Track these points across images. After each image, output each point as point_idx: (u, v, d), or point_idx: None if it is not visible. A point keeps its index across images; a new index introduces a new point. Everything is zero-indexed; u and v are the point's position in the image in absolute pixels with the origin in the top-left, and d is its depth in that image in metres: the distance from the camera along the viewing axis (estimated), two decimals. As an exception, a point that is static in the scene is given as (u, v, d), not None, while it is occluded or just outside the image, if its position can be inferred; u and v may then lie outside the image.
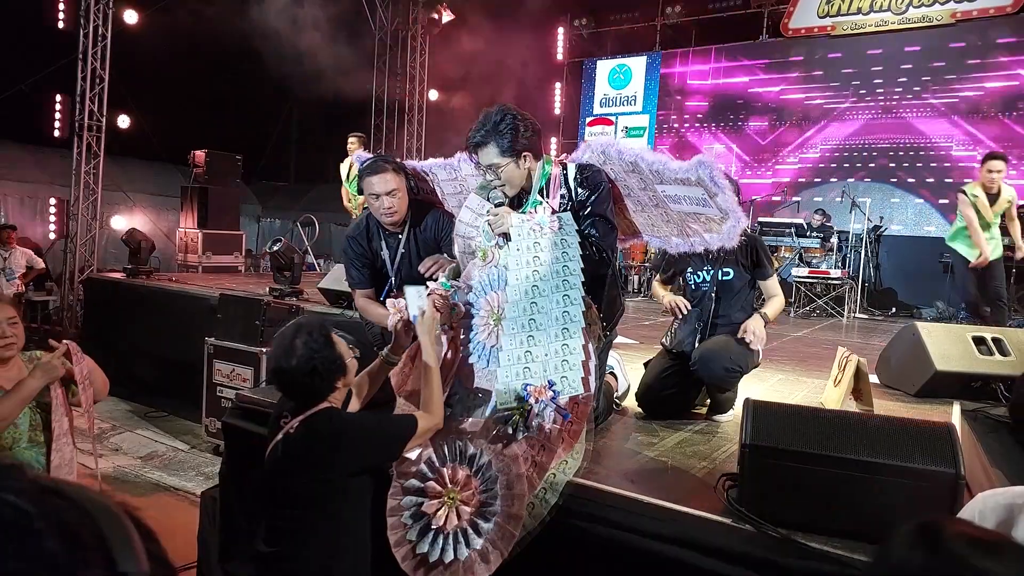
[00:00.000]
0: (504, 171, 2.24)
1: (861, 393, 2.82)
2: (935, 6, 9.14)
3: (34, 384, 2.18)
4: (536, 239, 2.13)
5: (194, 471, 4.70)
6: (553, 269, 2.09)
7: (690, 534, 1.78)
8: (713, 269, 2.90)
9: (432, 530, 1.89)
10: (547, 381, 1.97)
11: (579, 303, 2.06)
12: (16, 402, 2.16)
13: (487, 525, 1.86)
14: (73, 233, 8.68)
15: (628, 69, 11.50)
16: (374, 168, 2.70)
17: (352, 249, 2.88)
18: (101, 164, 8.78)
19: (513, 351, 2.03)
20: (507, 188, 2.29)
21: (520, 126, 2.21)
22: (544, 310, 2.06)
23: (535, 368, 2.01)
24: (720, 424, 2.82)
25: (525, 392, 1.97)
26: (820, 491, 1.69)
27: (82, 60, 8.49)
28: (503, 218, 2.21)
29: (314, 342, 1.79)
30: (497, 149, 2.21)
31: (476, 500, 1.90)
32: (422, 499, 1.94)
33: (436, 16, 11.38)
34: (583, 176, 2.30)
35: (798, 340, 5.65)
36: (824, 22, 9.88)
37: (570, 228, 2.16)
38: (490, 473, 1.91)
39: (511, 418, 1.97)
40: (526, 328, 2.04)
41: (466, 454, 1.96)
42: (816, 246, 7.93)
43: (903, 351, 3.49)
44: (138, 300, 6.85)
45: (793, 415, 1.80)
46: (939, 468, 1.62)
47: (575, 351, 2.01)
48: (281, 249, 6.06)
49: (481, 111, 2.27)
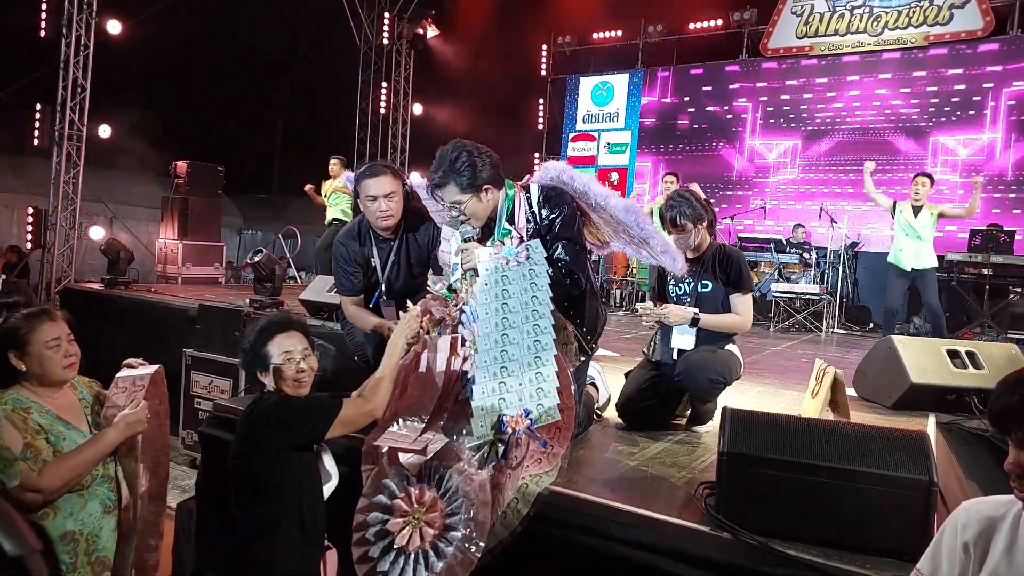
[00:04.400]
0: (467, 207, 2.27)
1: (838, 404, 2.84)
2: (909, 29, 9.40)
3: (115, 437, 2.01)
4: (504, 272, 2.15)
5: (170, 484, 4.59)
6: (522, 301, 2.12)
7: (668, 542, 1.78)
8: (694, 282, 2.93)
9: (395, 550, 1.90)
10: (523, 410, 1.99)
11: (549, 332, 2.09)
12: (93, 457, 1.96)
13: (449, 549, 1.86)
14: (50, 243, 8.56)
15: (611, 86, 11.65)
16: (372, 171, 2.69)
17: (343, 254, 2.86)
18: (81, 174, 8.68)
19: (487, 383, 2.04)
20: (473, 220, 2.32)
21: (477, 162, 2.22)
22: (515, 341, 2.08)
23: (510, 398, 2.03)
24: (700, 435, 2.84)
25: (502, 423, 1.99)
26: (797, 498, 1.70)
27: (63, 69, 8.42)
28: (471, 254, 2.24)
29: (245, 337, 1.98)
30: (457, 187, 2.23)
31: (440, 523, 1.90)
32: (388, 516, 1.94)
33: (421, 31, 11.46)
34: (546, 198, 2.32)
35: (777, 354, 5.71)
36: (802, 42, 10.10)
37: (538, 256, 2.18)
38: (457, 498, 1.91)
39: (483, 448, 1.98)
40: (498, 360, 2.06)
41: (434, 476, 1.97)
42: (795, 262, 8.04)
43: (880, 364, 3.53)
44: (116, 311, 6.75)
45: (770, 423, 1.81)
46: (913, 475, 1.64)
47: (548, 378, 2.04)
48: (262, 260, 6.02)
49: (437, 151, 2.28)
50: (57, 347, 1.97)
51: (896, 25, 9.47)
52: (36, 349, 1.95)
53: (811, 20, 10.02)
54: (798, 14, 10.10)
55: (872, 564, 1.63)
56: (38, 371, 1.96)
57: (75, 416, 2.06)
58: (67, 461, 1.91)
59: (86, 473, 1.96)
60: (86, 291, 7.32)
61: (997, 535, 1.28)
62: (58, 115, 8.46)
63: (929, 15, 9.26)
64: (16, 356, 1.94)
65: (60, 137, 8.47)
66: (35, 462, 1.86)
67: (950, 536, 1.32)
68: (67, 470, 1.90)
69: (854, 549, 1.67)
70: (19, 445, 1.84)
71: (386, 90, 11.91)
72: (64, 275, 8.58)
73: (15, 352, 1.94)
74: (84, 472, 1.95)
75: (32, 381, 1.98)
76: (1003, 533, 1.27)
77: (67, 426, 2.00)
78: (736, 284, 2.87)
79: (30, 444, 1.87)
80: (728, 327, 2.87)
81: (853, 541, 1.68)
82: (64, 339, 2.00)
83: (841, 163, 9.99)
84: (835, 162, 10.04)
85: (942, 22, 9.19)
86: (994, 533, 1.28)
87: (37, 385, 1.99)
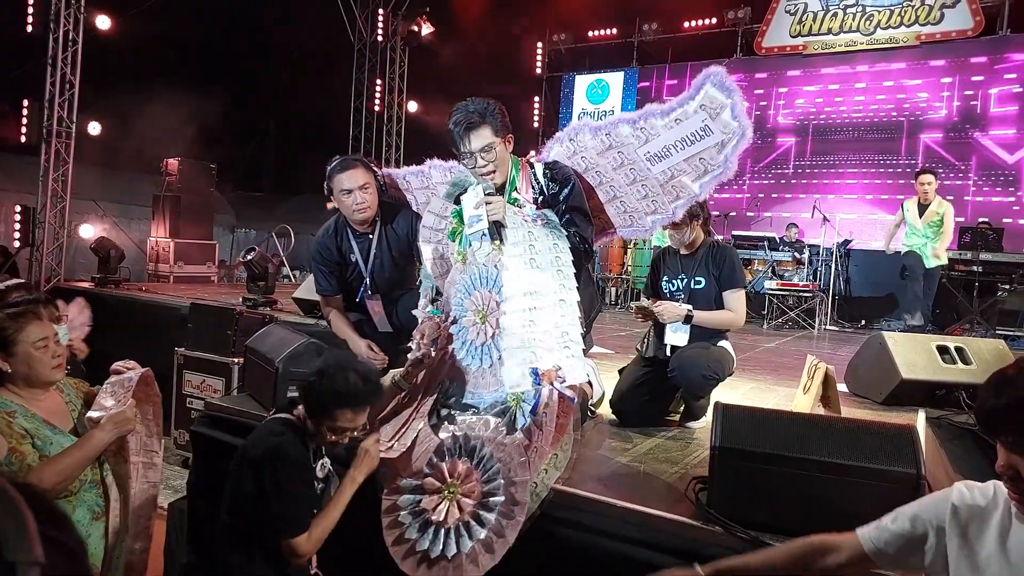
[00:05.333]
0: (498, 151, 2.33)
1: (829, 400, 2.86)
2: (901, 28, 9.44)
3: (103, 438, 1.88)
4: (529, 229, 2.19)
5: (163, 484, 4.57)
6: (548, 258, 2.16)
7: (660, 537, 1.79)
8: (687, 278, 2.94)
9: (432, 525, 1.87)
10: (555, 365, 2.01)
11: (574, 291, 2.12)
12: (80, 460, 1.85)
13: (490, 515, 1.84)
14: (39, 241, 8.49)
15: (606, 84, 11.65)
16: (343, 165, 2.72)
17: (320, 254, 2.87)
18: (70, 171, 8.61)
19: (516, 339, 2.06)
20: (497, 174, 2.35)
21: (502, 111, 2.37)
22: (544, 297, 2.11)
23: (540, 352, 2.05)
24: (694, 431, 2.85)
25: (535, 377, 2.00)
26: (787, 492, 1.71)
27: (51, 65, 8.35)
28: (500, 205, 2.25)
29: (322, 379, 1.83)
30: (491, 129, 2.31)
31: (478, 492, 1.89)
32: (420, 495, 1.92)
33: (416, 28, 11.42)
34: (551, 172, 2.40)
35: (770, 351, 5.74)
36: (796, 41, 10.14)
37: (555, 222, 2.25)
38: (492, 464, 1.90)
39: (508, 410, 1.99)
40: (527, 312, 2.08)
41: (467, 447, 1.96)
42: (788, 259, 8.08)
43: (870, 360, 3.56)
44: (106, 310, 6.69)
45: (761, 418, 1.82)
46: (901, 468, 1.65)
47: (575, 341, 2.06)
48: (255, 259, 6.00)
49: (454, 108, 2.35)
50: (45, 347, 1.88)
51: (888, 24, 9.51)
52: (23, 349, 1.85)
53: (804, 19, 10.06)
54: (792, 13, 10.13)
55: (862, 557, 1.64)
56: (25, 372, 1.87)
57: (62, 420, 1.97)
58: (54, 465, 1.81)
59: (74, 477, 1.86)
60: (76, 290, 7.26)
61: (986, 525, 1.26)
62: (46, 111, 8.40)
63: (921, 15, 9.30)
64: (1, 357, 1.85)
65: (48, 134, 8.40)
66: (20, 468, 1.77)
67: (929, 512, 1.34)
68: (54, 474, 1.80)
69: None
70: (3, 451, 1.76)
71: (380, 88, 11.88)
72: (53, 274, 8.52)
73: (0, 353, 1.85)
74: (72, 476, 1.84)
75: (18, 383, 1.88)
76: (993, 524, 1.25)
77: (53, 430, 1.90)
78: (729, 280, 2.87)
79: (15, 449, 1.78)
80: (721, 323, 2.88)
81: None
82: (51, 339, 1.91)
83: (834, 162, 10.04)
84: (827, 161, 10.09)
85: (933, 22, 9.24)
86: (984, 523, 1.27)
87: (23, 387, 1.89)
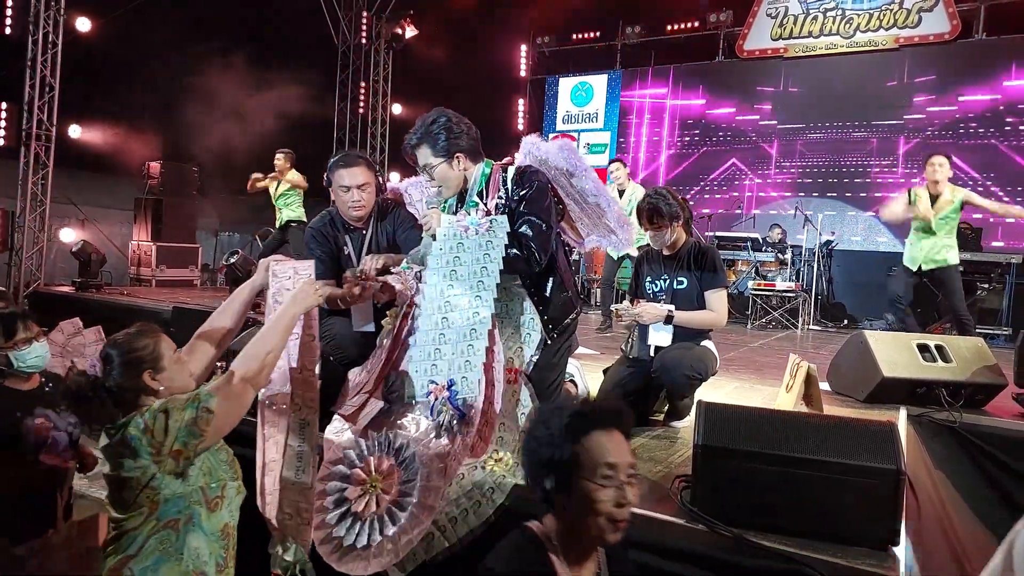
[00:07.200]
0: (436, 171, 2.31)
1: (811, 398, 2.89)
2: (880, 31, 9.57)
3: (295, 311, 1.88)
4: (460, 240, 2.19)
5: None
6: (471, 271, 2.16)
7: (643, 535, 1.79)
8: (669, 278, 2.96)
9: (351, 516, 1.94)
10: (448, 380, 2.04)
11: (490, 305, 2.11)
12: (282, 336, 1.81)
13: (403, 514, 1.91)
14: (19, 246, 8.37)
15: (590, 87, 11.70)
16: (347, 161, 2.71)
17: (315, 239, 2.85)
18: (50, 175, 8.50)
19: (425, 348, 2.11)
20: (443, 189, 2.36)
21: (454, 128, 2.27)
22: (457, 309, 2.13)
23: (441, 366, 2.08)
24: (678, 430, 2.86)
25: (427, 390, 2.05)
26: (770, 490, 1.73)
27: (31, 68, 8.24)
28: (431, 219, 2.29)
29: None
30: (430, 150, 2.28)
31: (396, 491, 1.95)
32: (346, 485, 1.98)
33: (399, 31, 11.40)
34: (520, 176, 2.36)
35: (754, 350, 5.78)
36: (777, 44, 10.24)
37: (500, 231, 2.20)
38: (414, 465, 1.96)
39: (441, 415, 2.02)
40: (439, 326, 2.12)
41: (394, 445, 2.02)
42: (771, 260, 8.15)
43: (852, 359, 3.59)
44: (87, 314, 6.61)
45: (743, 416, 1.84)
46: (882, 464, 1.67)
47: (478, 352, 2.07)
48: (238, 262, 5.96)
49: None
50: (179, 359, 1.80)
51: (867, 27, 9.64)
52: (167, 364, 1.75)
53: (785, 22, 10.16)
54: (773, 16, 10.24)
55: (845, 552, 1.66)
56: (169, 385, 1.74)
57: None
58: (252, 349, 1.75)
59: (275, 362, 1.80)
60: (57, 295, 7.17)
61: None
62: (25, 114, 8.28)
63: (899, 18, 9.44)
64: (150, 375, 1.71)
65: (28, 137, 8.28)
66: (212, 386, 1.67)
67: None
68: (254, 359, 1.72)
69: (827, 538, 1.70)
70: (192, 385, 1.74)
71: (364, 90, 11.84)
72: (33, 278, 8.39)
73: (150, 373, 1.72)
74: (273, 361, 1.78)
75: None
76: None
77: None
78: (711, 280, 2.89)
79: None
80: (703, 324, 2.90)
81: (826, 530, 1.70)
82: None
83: (817, 164, 10.15)
84: (810, 163, 10.19)
85: (911, 25, 9.38)
86: None
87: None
